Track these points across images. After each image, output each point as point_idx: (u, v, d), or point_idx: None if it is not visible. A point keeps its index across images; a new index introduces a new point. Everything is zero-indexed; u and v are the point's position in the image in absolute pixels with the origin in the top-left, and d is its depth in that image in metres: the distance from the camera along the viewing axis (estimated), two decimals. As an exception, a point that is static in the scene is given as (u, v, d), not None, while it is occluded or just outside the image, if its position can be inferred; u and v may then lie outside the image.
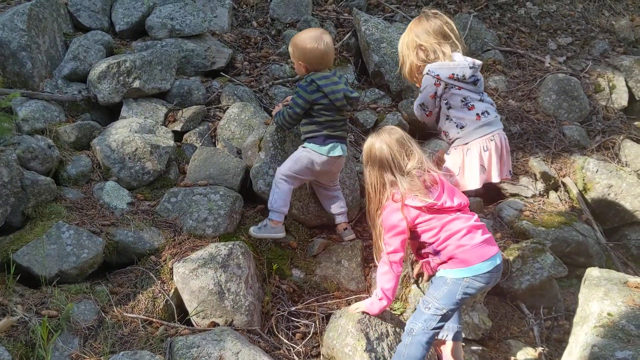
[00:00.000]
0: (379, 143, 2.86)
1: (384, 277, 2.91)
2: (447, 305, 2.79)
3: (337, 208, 3.60)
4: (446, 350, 3.12)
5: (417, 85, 3.45)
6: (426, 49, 3.30)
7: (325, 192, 3.61)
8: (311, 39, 3.26)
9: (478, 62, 3.31)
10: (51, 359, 2.63)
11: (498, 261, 2.81)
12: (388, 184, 2.85)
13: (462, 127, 3.30)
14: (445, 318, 2.83)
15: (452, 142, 3.40)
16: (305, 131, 3.38)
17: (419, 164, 2.84)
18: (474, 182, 3.33)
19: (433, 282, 2.90)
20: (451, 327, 3.07)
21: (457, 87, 3.26)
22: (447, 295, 2.79)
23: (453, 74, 3.23)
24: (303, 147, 3.39)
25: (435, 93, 3.29)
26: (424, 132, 4.69)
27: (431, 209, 2.80)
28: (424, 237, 2.85)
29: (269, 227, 3.37)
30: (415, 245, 2.97)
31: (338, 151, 3.34)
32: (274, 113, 3.62)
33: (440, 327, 2.86)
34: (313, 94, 3.25)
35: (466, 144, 3.32)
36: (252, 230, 3.39)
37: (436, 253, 2.84)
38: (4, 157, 3.08)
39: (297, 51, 3.32)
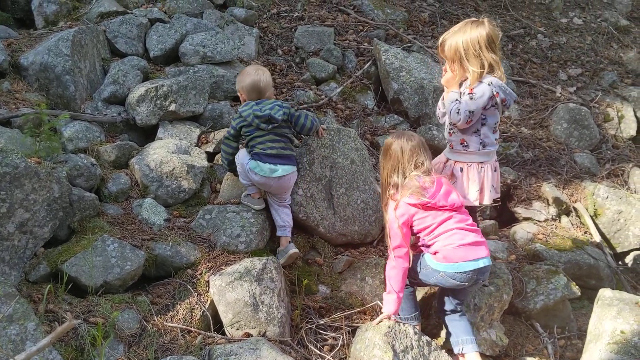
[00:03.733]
0: (397, 145, 3.22)
1: (391, 271, 3.20)
2: (421, 280, 3.24)
3: (280, 221, 3.77)
4: None
5: (459, 89, 3.40)
6: (495, 59, 3.34)
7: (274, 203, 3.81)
8: (249, 71, 3.81)
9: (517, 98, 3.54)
10: (101, 362, 2.82)
11: (481, 265, 3.09)
12: (392, 184, 3.21)
13: (484, 146, 3.45)
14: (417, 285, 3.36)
15: (463, 155, 3.50)
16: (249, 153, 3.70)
17: (424, 172, 3.18)
18: (488, 199, 3.53)
19: (415, 257, 3.27)
20: (466, 339, 3.27)
21: (498, 110, 3.42)
22: (423, 275, 3.22)
23: (505, 99, 3.37)
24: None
25: (485, 107, 3.34)
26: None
27: (425, 206, 3.12)
28: (421, 233, 3.18)
29: (249, 198, 3.81)
30: (412, 239, 3.30)
31: (267, 172, 3.60)
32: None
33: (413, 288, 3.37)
34: (236, 120, 3.72)
35: (481, 162, 3.50)
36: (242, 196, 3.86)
37: (427, 246, 3.20)
38: (55, 174, 3.31)
39: (237, 82, 3.86)
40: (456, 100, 3.37)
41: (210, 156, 4.33)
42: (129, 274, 3.29)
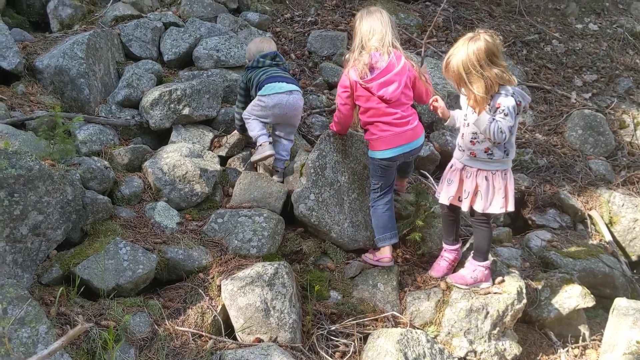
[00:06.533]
0: (361, 18, 3.56)
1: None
2: (378, 179, 3.69)
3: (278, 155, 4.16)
4: None
5: (480, 103, 3.24)
6: (499, 72, 3.20)
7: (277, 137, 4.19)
8: (255, 40, 4.33)
9: None
10: (111, 366, 2.82)
11: (407, 150, 3.58)
12: (356, 50, 3.55)
13: (507, 154, 3.41)
14: (384, 188, 3.69)
15: (487, 163, 3.42)
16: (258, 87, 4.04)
17: (379, 42, 3.48)
18: (513, 205, 3.48)
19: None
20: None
21: (520, 117, 3.38)
22: (373, 171, 3.72)
23: (521, 103, 3.27)
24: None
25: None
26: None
27: (361, 87, 3.51)
28: (359, 112, 3.64)
29: (258, 149, 4.02)
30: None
31: (277, 88, 3.93)
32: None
33: (387, 198, 3.70)
34: (243, 75, 4.23)
35: (505, 170, 3.46)
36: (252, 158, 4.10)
37: (364, 131, 3.72)
38: (69, 176, 3.32)
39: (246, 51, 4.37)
40: (493, 119, 3.23)
41: (223, 160, 4.33)
42: (141, 277, 3.29)
